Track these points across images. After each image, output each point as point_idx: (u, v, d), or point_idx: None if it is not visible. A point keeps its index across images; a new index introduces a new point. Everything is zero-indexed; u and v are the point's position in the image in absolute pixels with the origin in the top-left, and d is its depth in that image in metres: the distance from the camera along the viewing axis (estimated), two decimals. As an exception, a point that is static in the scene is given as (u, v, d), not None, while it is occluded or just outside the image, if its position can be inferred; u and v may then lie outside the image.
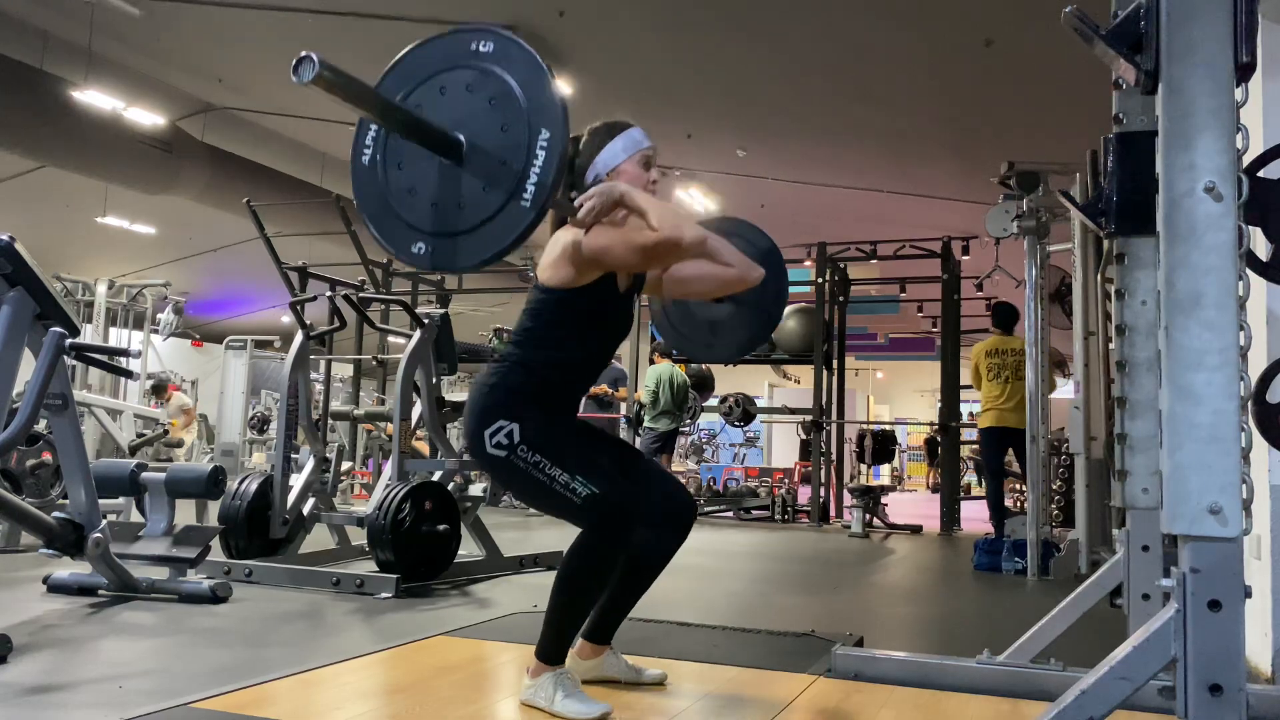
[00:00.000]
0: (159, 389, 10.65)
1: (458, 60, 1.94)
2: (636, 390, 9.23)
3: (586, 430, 2.34)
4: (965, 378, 7.49)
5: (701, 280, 2.39)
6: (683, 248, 2.11)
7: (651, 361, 9.00)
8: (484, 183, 1.88)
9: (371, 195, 2.01)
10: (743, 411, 9.78)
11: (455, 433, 11.95)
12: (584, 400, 2.62)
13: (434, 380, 4.82)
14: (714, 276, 2.36)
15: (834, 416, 9.27)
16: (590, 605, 2.19)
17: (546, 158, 1.83)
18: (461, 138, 1.91)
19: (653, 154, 2.28)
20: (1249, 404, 1.72)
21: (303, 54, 1.68)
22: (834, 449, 9.58)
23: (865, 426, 10.47)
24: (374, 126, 2.01)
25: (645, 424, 8.86)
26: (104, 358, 4.21)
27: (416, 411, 4.83)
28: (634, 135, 2.26)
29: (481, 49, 1.93)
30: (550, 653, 2.13)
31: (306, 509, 4.72)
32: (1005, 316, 6.97)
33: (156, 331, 12.52)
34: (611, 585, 2.24)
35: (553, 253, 2.19)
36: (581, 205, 2.10)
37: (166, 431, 9.28)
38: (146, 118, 9.50)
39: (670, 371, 8.85)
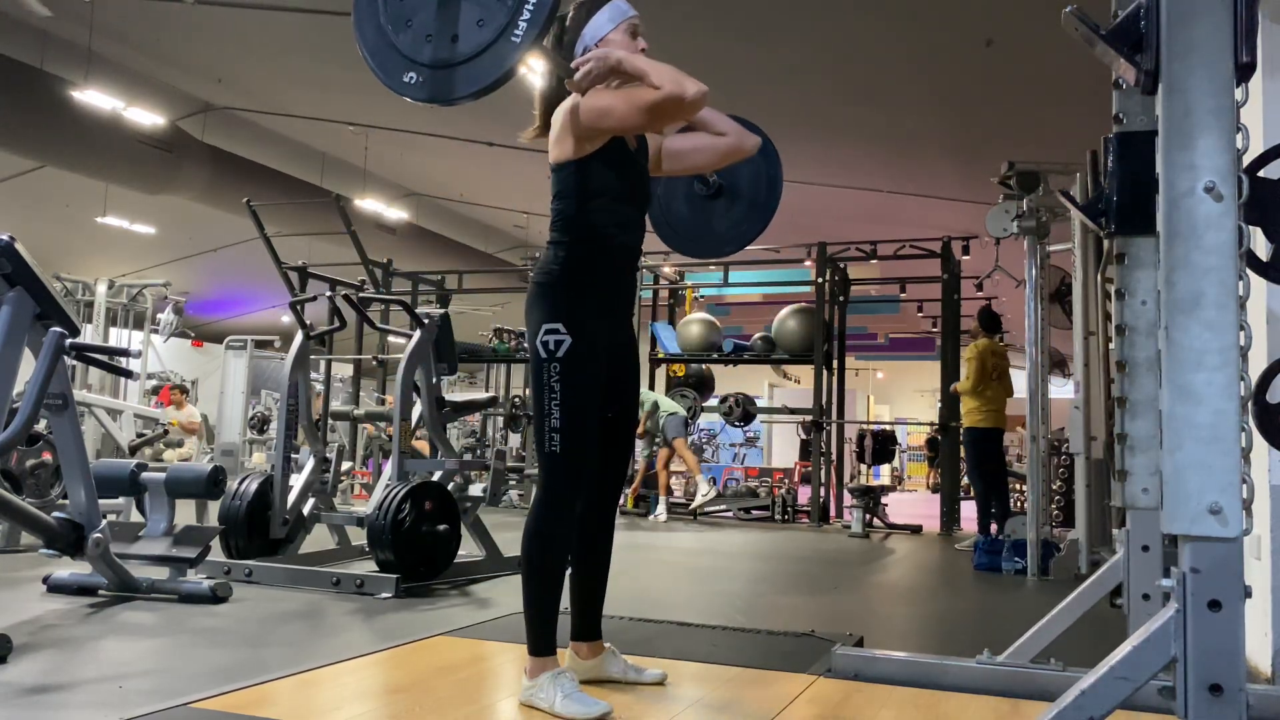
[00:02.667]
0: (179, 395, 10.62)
1: None
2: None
3: (612, 384, 2.30)
4: (961, 377, 7.48)
5: (699, 151, 2.39)
6: (686, 102, 2.12)
7: None
8: (478, 16, 1.94)
9: (369, 22, 2.07)
10: (743, 411, 9.77)
11: (455, 433, 11.96)
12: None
13: (434, 380, 4.82)
14: (711, 147, 2.37)
15: (834, 416, 9.27)
16: (556, 586, 2.20)
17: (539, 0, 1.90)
18: None
19: (639, 22, 2.29)
20: (1249, 404, 1.72)
21: None
22: (834, 449, 9.57)
23: (865, 426, 10.46)
24: None
25: None
26: (104, 358, 4.21)
27: (416, 411, 4.83)
28: (619, 5, 2.27)
29: None
30: (537, 645, 2.16)
31: (306, 509, 4.72)
32: (995, 321, 7.22)
33: (156, 331, 12.52)
34: (574, 572, 2.33)
35: (555, 130, 2.22)
36: (578, 68, 2.12)
37: (166, 431, 9.28)
38: (146, 118, 9.50)
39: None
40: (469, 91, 1.96)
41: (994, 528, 6.63)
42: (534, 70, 2.58)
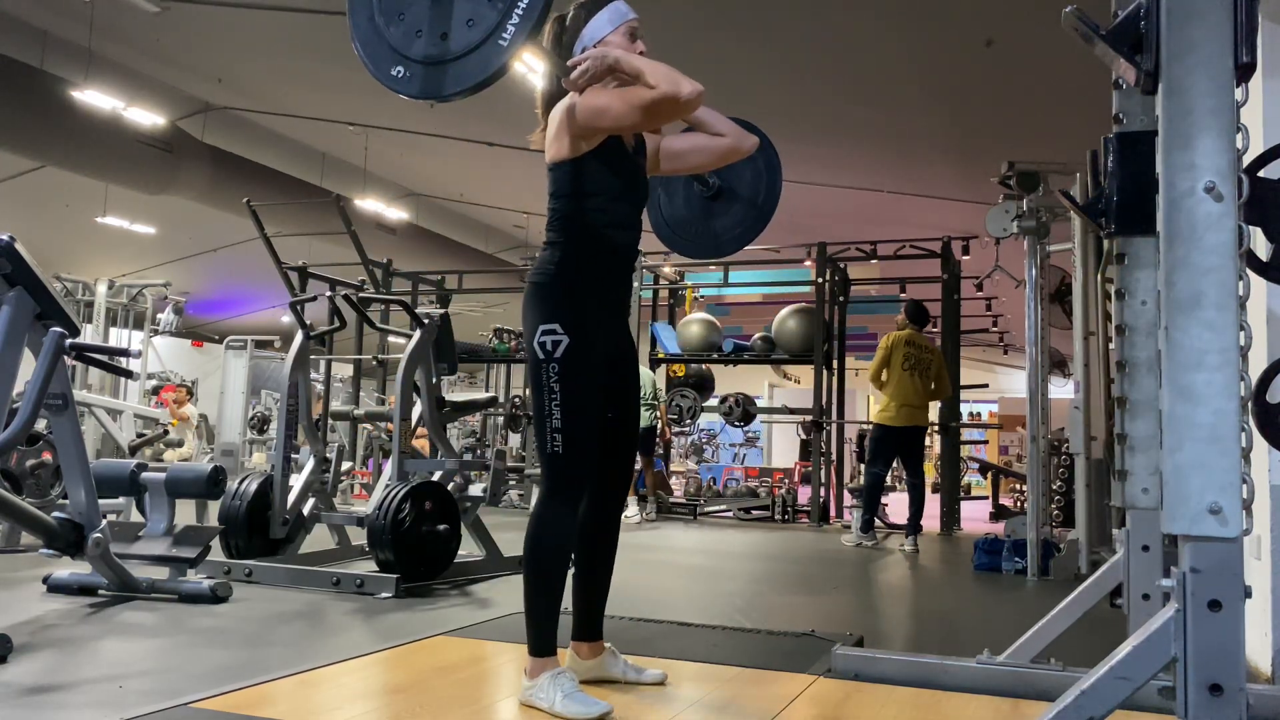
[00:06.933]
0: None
1: None
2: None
3: (611, 386, 2.29)
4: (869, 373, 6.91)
5: (697, 152, 2.41)
6: (682, 101, 2.12)
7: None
8: (468, 16, 1.96)
9: (362, 12, 2.08)
10: (743, 411, 9.76)
11: (455, 433, 11.95)
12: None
13: (434, 380, 4.82)
14: (709, 147, 2.38)
15: (834, 416, 9.27)
16: (558, 587, 2.20)
17: (529, 4, 1.92)
18: None
19: (638, 25, 2.30)
20: (1249, 404, 1.72)
21: None
22: (834, 449, 9.57)
23: (865, 426, 10.45)
24: None
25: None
26: (104, 358, 4.21)
27: (416, 411, 4.83)
28: (619, 7, 2.28)
29: None
30: (537, 645, 2.16)
31: (306, 509, 4.71)
32: (922, 314, 6.96)
33: (157, 332, 12.52)
34: (576, 573, 2.34)
35: (552, 128, 2.23)
36: (575, 67, 2.14)
37: (167, 431, 9.27)
38: (146, 118, 9.50)
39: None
40: (456, 90, 1.98)
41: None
42: (535, 71, 2.59)
